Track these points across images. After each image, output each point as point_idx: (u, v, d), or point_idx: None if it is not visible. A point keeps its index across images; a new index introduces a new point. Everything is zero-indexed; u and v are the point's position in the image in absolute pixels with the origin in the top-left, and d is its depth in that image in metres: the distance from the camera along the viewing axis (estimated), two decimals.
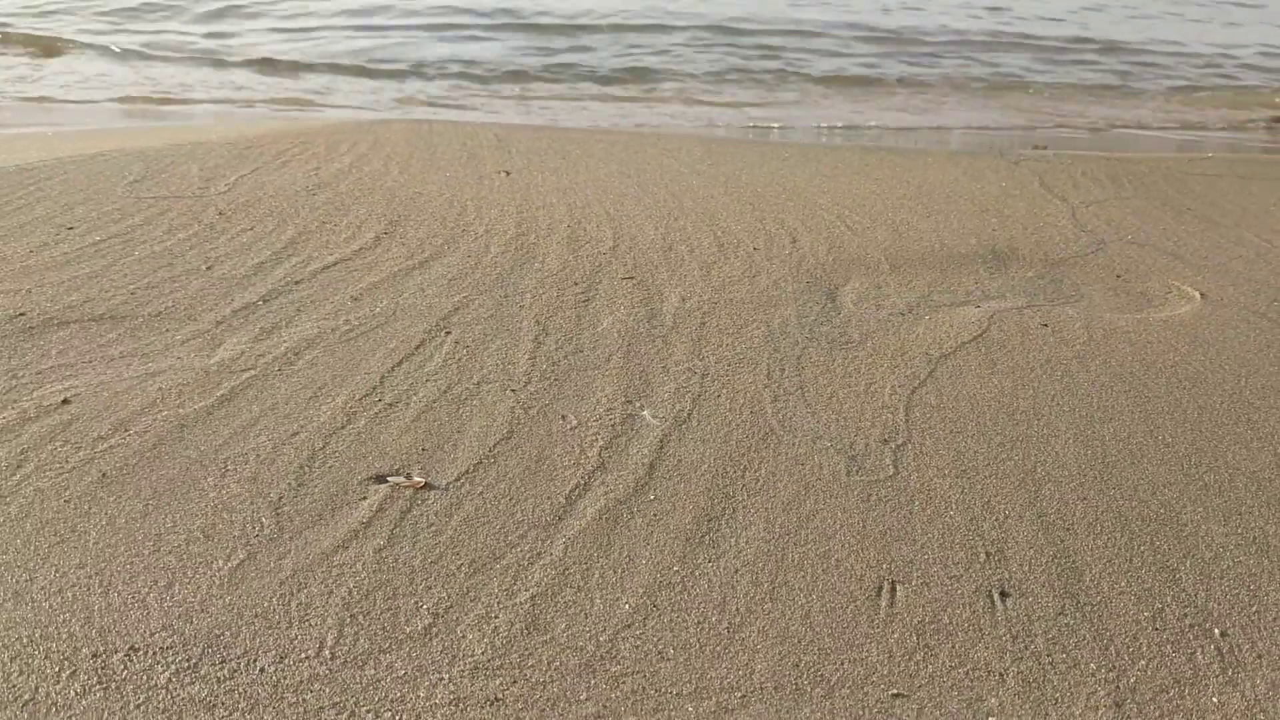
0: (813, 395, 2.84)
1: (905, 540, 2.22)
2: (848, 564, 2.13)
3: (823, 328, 3.31)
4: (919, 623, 1.97)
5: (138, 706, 1.68)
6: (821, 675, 1.82)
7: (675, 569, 2.09)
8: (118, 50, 9.25)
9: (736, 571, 2.09)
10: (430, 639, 1.87)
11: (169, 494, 2.27)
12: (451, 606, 1.95)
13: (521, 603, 1.98)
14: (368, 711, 1.70)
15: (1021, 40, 11.77)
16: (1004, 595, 2.06)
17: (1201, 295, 3.76)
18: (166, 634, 1.85)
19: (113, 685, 1.73)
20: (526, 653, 1.85)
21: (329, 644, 1.85)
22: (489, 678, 1.78)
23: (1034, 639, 1.94)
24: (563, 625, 1.92)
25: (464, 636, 1.88)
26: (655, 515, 2.27)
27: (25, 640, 1.81)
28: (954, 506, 2.34)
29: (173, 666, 1.77)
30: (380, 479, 2.36)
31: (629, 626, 1.92)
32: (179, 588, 1.97)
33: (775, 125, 7.84)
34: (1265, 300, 3.72)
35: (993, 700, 1.79)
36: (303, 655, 1.82)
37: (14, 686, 1.71)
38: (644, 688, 1.78)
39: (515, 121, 7.64)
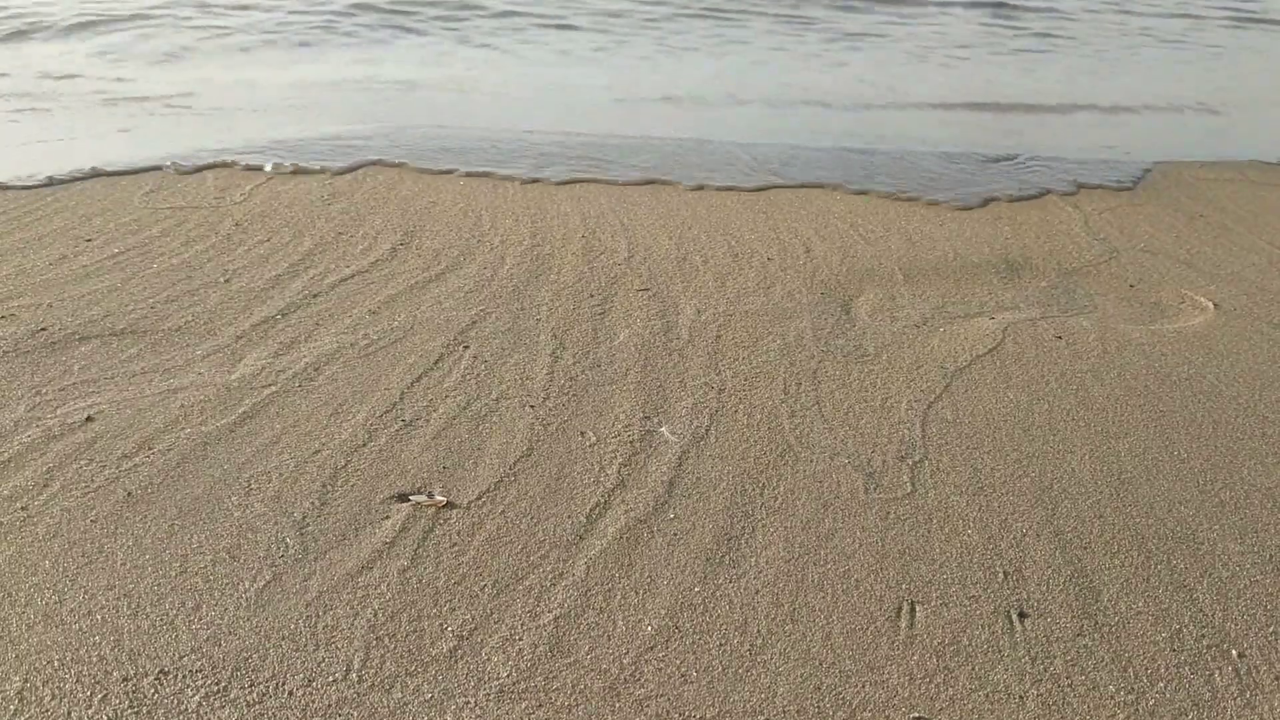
0: (829, 411, 2.85)
1: (924, 560, 2.23)
2: (867, 584, 2.15)
3: (838, 340, 3.33)
4: (939, 644, 1.98)
5: None
6: (843, 698, 1.84)
7: (696, 590, 2.11)
8: None
9: (757, 592, 2.11)
10: (456, 662, 1.89)
11: (194, 513, 2.29)
12: (476, 628, 1.98)
13: (545, 624, 2.00)
14: None
15: None
16: (1023, 616, 2.07)
17: (1215, 305, 3.76)
18: (196, 657, 1.87)
19: (144, 709, 1.75)
20: (551, 676, 1.87)
21: (356, 667, 1.87)
22: (514, 701, 1.81)
23: (1053, 661, 1.95)
24: (586, 647, 1.94)
25: (489, 659, 1.90)
26: (675, 535, 2.29)
27: (57, 664, 1.84)
28: (972, 525, 2.36)
29: (203, 690, 1.80)
30: (402, 498, 2.38)
31: (652, 649, 1.94)
32: (207, 610, 1.99)
33: None
34: (1279, 311, 3.73)
35: None
36: (330, 678, 1.84)
37: (47, 711, 1.74)
38: (668, 711, 1.80)
39: None
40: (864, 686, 1.87)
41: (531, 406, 2.82)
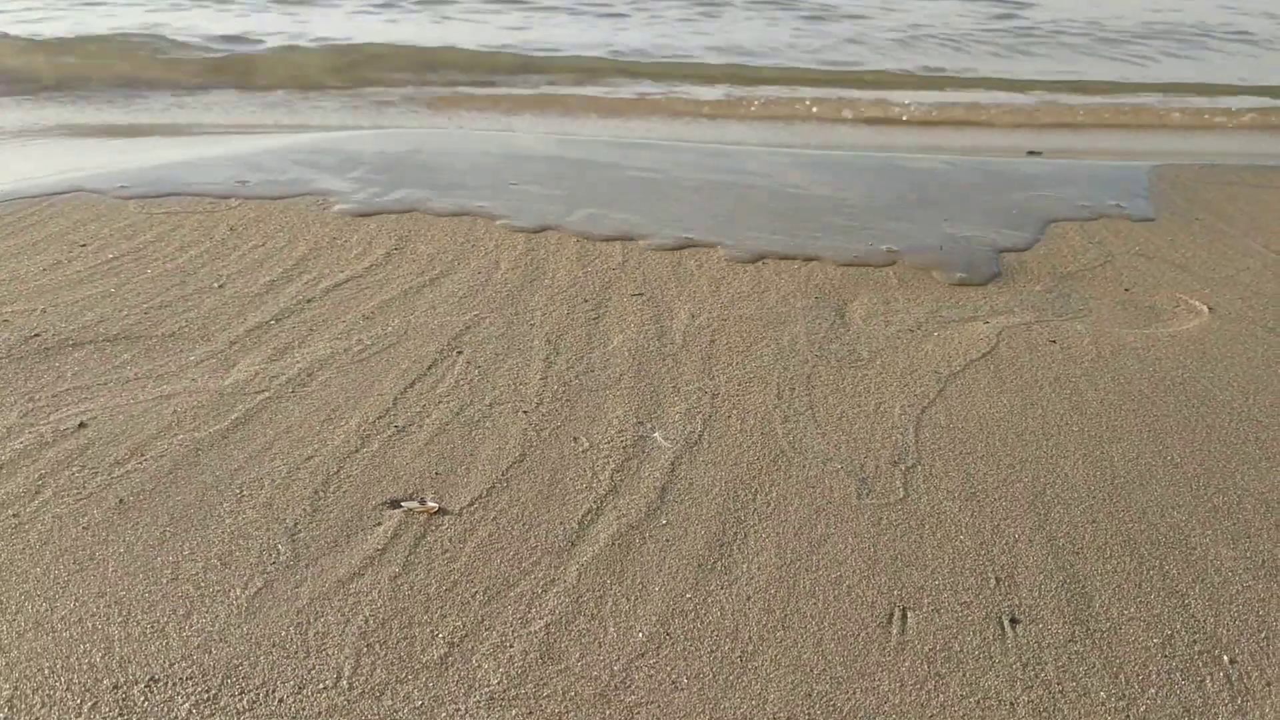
0: (823, 416, 2.85)
1: (916, 565, 2.23)
2: (859, 590, 2.15)
3: (832, 345, 3.33)
4: (930, 651, 1.98)
5: None
6: (834, 705, 1.84)
7: (688, 596, 2.11)
8: None
9: (749, 599, 2.11)
10: (446, 669, 1.89)
11: (186, 520, 2.29)
12: (467, 635, 1.98)
13: (536, 631, 2.00)
14: None
15: None
16: (1014, 622, 2.07)
17: (1210, 309, 3.77)
18: (186, 664, 1.87)
19: (134, 717, 1.75)
20: (541, 683, 1.87)
21: (346, 674, 1.87)
22: (505, 708, 1.81)
23: (1044, 667, 1.95)
24: (577, 654, 1.94)
25: (479, 666, 1.90)
26: (667, 540, 2.29)
27: (47, 671, 1.84)
28: (964, 530, 2.36)
29: (193, 698, 1.80)
30: (394, 504, 2.38)
31: (643, 655, 1.94)
32: (197, 617, 1.99)
33: None
34: (1273, 315, 3.73)
35: None
36: (320, 686, 1.84)
37: (37, 718, 1.74)
38: (659, 718, 1.80)
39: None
40: (855, 693, 1.87)
41: (525, 412, 2.82)
